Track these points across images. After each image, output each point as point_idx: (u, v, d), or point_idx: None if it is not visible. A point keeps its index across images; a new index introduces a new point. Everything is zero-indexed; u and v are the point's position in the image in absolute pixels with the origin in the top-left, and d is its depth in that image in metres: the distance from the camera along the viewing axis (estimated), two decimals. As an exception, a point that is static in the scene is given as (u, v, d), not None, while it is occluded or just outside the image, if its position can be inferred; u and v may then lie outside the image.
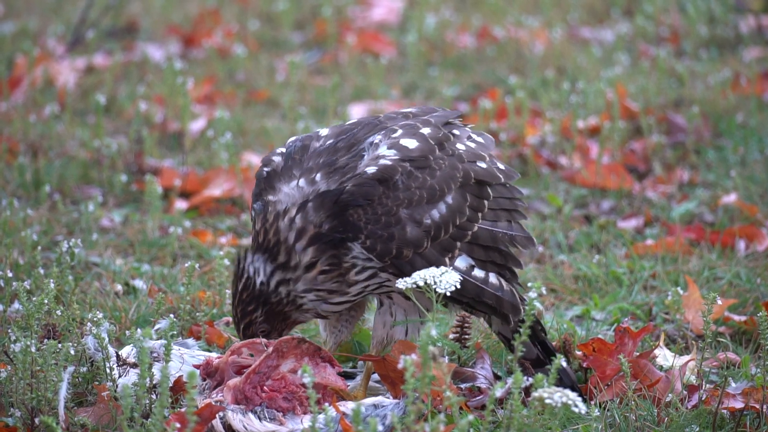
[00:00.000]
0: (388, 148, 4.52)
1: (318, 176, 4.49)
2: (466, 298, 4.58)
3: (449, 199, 4.56)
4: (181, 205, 7.11)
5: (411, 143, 4.55)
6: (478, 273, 4.61)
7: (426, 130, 4.61)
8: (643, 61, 9.85)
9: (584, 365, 4.93)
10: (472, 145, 4.72)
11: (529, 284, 4.37)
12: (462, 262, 4.59)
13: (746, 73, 9.26)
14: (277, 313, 4.54)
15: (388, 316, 4.64)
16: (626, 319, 5.53)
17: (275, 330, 4.58)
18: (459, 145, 4.66)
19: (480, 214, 4.63)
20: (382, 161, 4.49)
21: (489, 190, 4.65)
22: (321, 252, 4.46)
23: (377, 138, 4.56)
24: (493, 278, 4.63)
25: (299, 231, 4.44)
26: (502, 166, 4.74)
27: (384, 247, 4.46)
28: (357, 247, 4.46)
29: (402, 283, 4.37)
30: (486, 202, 4.64)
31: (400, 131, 4.58)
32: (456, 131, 4.73)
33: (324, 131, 4.66)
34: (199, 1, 12.12)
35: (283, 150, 4.64)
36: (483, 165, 4.66)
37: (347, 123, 4.70)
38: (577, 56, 10.17)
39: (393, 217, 4.47)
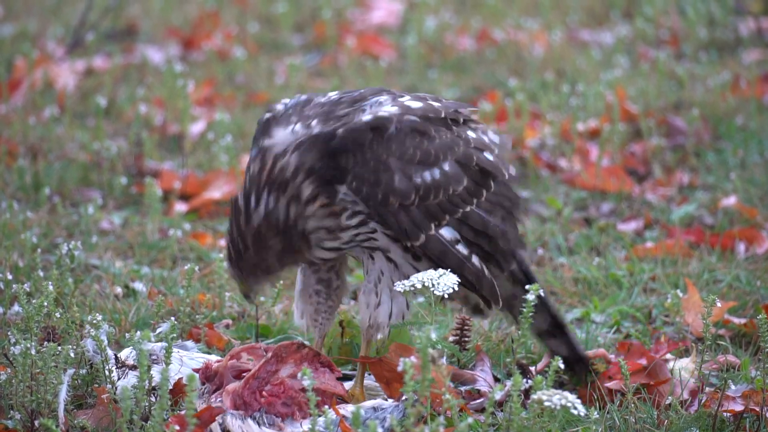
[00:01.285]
0: (392, 106, 4.53)
1: (314, 122, 4.51)
2: (446, 266, 4.54)
3: (446, 167, 4.55)
4: (180, 207, 7.11)
5: (416, 104, 4.56)
6: (462, 249, 4.60)
7: (436, 104, 4.61)
8: (642, 64, 9.85)
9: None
10: (486, 139, 4.71)
11: (527, 287, 4.36)
12: (448, 232, 4.57)
13: (746, 76, 9.25)
14: (290, 248, 4.48)
15: (373, 296, 4.61)
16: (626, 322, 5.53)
17: (271, 272, 4.52)
18: (470, 133, 4.66)
19: (475, 200, 4.62)
20: (380, 112, 4.50)
21: (491, 182, 4.63)
22: (318, 186, 4.46)
23: (383, 98, 4.58)
24: (475, 261, 4.61)
25: (296, 168, 4.44)
26: (512, 172, 4.72)
27: (370, 190, 4.45)
28: (344, 188, 4.46)
29: (400, 287, 4.38)
30: (485, 191, 4.63)
31: (408, 97, 4.60)
32: (472, 125, 4.72)
33: (332, 93, 4.67)
34: (198, 3, 12.12)
35: (288, 101, 4.66)
36: (489, 156, 4.64)
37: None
38: (577, 59, 10.17)
39: (382, 163, 4.47)
